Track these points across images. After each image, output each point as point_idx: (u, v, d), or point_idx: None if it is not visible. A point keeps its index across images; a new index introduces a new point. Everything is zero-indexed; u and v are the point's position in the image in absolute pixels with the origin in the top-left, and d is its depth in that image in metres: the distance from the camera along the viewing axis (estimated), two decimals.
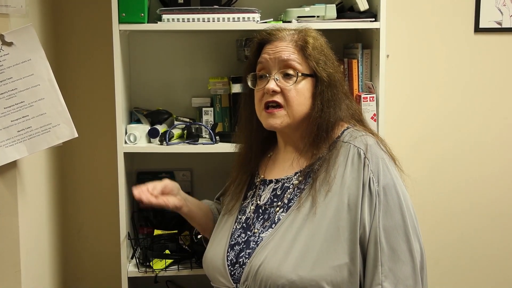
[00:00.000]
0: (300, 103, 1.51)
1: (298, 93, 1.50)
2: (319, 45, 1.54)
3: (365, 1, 2.01)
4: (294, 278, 1.37)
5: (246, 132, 1.64)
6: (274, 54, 1.53)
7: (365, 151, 1.46)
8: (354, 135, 1.52)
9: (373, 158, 1.45)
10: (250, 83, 1.57)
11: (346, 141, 1.50)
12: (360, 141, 1.49)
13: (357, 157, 1.46)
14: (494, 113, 2.42)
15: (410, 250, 1.42)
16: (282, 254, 1.41)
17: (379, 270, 1.40)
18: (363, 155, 1.46)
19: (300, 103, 1.51)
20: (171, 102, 2.30)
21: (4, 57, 1.61)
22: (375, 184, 1.43)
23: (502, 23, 2.37)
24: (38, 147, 1.66)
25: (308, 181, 1.49)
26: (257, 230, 1.51)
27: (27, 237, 1.76)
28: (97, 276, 2.37)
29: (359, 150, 1.47)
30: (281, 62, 1.51)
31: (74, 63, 2.27)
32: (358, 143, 1.48)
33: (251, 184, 1.64)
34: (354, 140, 1.50)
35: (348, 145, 1.49)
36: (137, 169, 2.31)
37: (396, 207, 1.43)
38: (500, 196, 2.45)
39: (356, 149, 1.48)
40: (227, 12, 2.01)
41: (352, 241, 1.40)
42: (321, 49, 1.53)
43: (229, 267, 1.50)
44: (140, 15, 1.95)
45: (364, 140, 1.49)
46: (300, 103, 1.51)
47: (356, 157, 1.46)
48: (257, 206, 1.57)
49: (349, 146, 1.49)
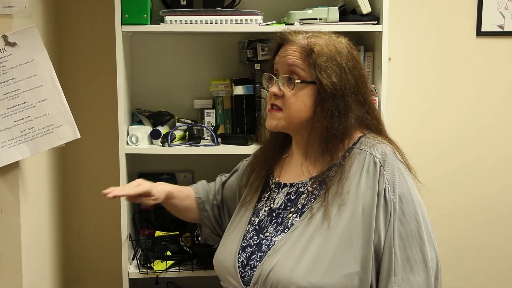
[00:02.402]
0: (297, 109, 1.49)
1: (297, 99, 1.48)
2: (330, 52, 1.47)
3: (368, 4, 2.02)
4: (305, 284, 1.37)
5: None
6: (283, 57, 1.51)
7: (381, 160, 1.44)
8: (370, 143, 1.49)
9: (389, 167, 1.44)
10: (264, 82, 1.58)
11: (362, 149, 1.48)
12: (377, 150, 1.46)
13: (372, 165, 1.45)
14: (497, 117, 2.42)
15: (424, 260, 1.40)
16: (294, 259, 1.40)
17: (392, 280, 1.39)
18: (379, 163, 1.44)
19: (298, 109, 1.49)
20: (173, 103, 2.30)
21: (8, 58, 1.61)
22: (391, 193, 1.42)
23: (504, 27, 2.37)
24: (41, 147, 1.66)
25: (322, 187, 1.48)
26: (270, 234, 1.50)
27: (29, 238, 1.76)
28: (98, 277, 2.37)
29: (375, 158, 1.45)
30: (286, 66, 1.50)
31: (77, 64, 2.27)
32: (375, 152, 1.46)
33: (266, 186, 1.64)
34: (370, 149, 1.47)
35: (364, 153, 1.47)
36: (138, 170, 2.32)
37: (411, 216, 1.41)
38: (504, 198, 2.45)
39: (372, 157, 1.45)
40: (230, 14, 2.01)
41: (365, 250, 1.39)
42: (330, 56, 1.47)
43: (239, 269, 1.49)
44: (143, 16, 1.96)
45: (381, 148, 1.47)
46: (297, 109, 1.49)
47: (372, 166, 1.45)
48: (270, 210, 1.56)
49: (365, 154, 1.47)
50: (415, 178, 1.49)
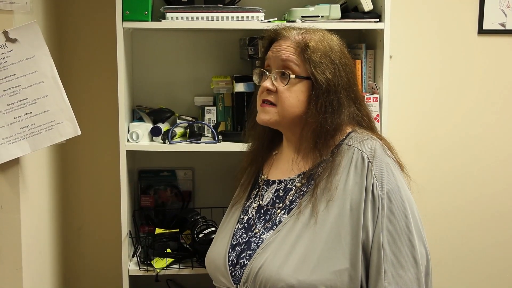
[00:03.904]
0: (291, 105, 1.49)
1: (291, 94, 1.49)
2: (324, 49, 1.49)
3: (370, 2, 2.01)
4: (293, 282, 1.37)
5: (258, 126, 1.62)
6: (276, 52, 1.52)
7: (369, 156, 1.45)
8: (359, 138, 1.49)
9: (377, 163, 1.44)
10: (255, 78, 1.58)
11: (351, 145, 1.48)
12: (365, 145, 1.47)
13: (360, 161, 1.45)
14: (498, 115, 2.42)
15: (414, 256, 1.40)
16: (282, 257, 1.40)
17: (382, 277, 1.39)
18: (367, 159, 1.44)
19: (291, 104, 1.49)
20: (174, 100, 2.30)
21: (8, 54, 1.61)
22: (379, 189, 1.42)
23: (505, 25, 2.36)
24: (41, 144, 1.66)
25: (310, 184, 1.48)
26: (258, 231, 1.50)
27: (29, 235, 1.75)
28: (98, 274, 2.36)
29: (363, 154, 1.45)
30: (280, 61, 1.50)
31: (78, 61, 2.26)
32: (363, 147, 1.46)
33: (255, 184, 1.64)
34: (359, 144, 1.48)
35: (352, 149, 1.47)
36: (138, 167, 2.31)
37: (400, 212, 1.41)
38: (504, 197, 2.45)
39: (360, 153, 1.46)
40: (231, 11, 2.01)
41: (354, 246, 1.39)
42: (324, 53, 1.49)
43: (230, 268, 1.49)
44: (144, 13, 1.95)
45: (369, 144, 1.47)
46: (291, 105, 1.49)
47: (360, 162, 1.45)
48: (259, 206, 1.56)
49: (353, 149, 1.47)
50: (406, 174, 1.49)
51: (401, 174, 1.48)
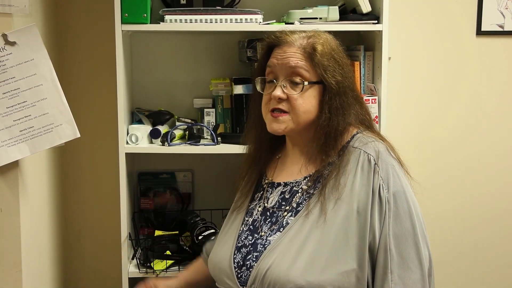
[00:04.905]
0: (306, 111, 1.49)
1: (305, 100, 1.48)
2: (329, 51, 1.50)
3: (368, 3, 2.01)
4: (303, 283, 1.37)
5: (255, 131, 1.62)
6: (282, 59, 1.50)
7: (375, 158, 1.45)
8: (364, 140, 1.50)
9: (383, 165, 1.44)
10: (259, 86, 1.56)
11: (356, 147, 1.49)
12: (371, 148, 1.47)
13: (367, 163, 1.45)
14: (497, 116, 2.42)
15: (419, 257, 1.41)
16: (290, 258, 1.40)
17: (388, 278, 1.39)
18: (374, 161, 1.45)
19: (306, 110, 1.49)
20: (173, 103, 2.30)
21: (7, 57, 1.61)
22: (385, 191, 1.42)
23: (504, 26, 2.37)
24: (40, 147, 1.66)
25: (317, 186, 1.48)
26: (264, 233, 1.50)
27: (28, 237, 1.75)
28: (98, 276, 2.36)
29: (369, 156, 1.46)
30: (288, 68, 1.49)
31: (77, 63, 2.27)
32: (369, 150, 1.47)
33: (259, 186, 1.63)
34: (364, 146, 1.48)
35: (358, 151, 1.48)
36: (138, 169, 2.32)
37: (406, 214, 1.42)
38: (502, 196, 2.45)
39: (367, 155, 1.46)
40: (230, 13, 2.01)
41: (361, 248, 1.40)
42: (330, 55, 1.49)
43: (236, 270, 1.49)
44: (143, 15, 1.95)
45: (375, 146, 1.48)
46: (306, 111, 1.49)
47: (366, 164, 1.45)
48: (264, 209, 1.56)
49: (359, 152, 1.47)
50: (408, 175, 1.50)
51: (405, 175, 1.49)
